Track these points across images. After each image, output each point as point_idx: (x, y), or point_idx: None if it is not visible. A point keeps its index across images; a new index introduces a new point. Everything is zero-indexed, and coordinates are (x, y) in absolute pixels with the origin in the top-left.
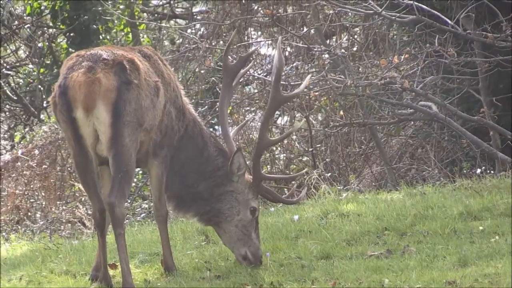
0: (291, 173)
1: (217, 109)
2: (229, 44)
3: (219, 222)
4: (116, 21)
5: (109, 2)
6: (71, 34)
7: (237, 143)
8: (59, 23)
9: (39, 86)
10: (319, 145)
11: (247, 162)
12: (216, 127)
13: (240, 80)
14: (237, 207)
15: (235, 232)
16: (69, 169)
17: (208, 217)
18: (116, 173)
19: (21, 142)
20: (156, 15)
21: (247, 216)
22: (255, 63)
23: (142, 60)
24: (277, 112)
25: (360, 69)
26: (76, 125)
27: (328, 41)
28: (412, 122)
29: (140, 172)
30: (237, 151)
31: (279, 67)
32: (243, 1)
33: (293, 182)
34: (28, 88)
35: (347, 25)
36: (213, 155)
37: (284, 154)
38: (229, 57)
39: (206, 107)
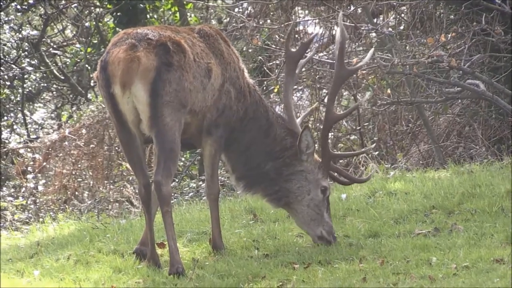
0: (339, 151)
1: (264, 87)
2: (290, 32)
3: (289, 203)
4: (163, 0)
5: None
6: (118, 14)
7: None
8: (106, 2)
9: (86, 66)
10: (366, 123)
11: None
12: None
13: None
14: (307, 186)
15: (307, 212)
16: (116, 148)
17: (278, 197)
18: (160, 152)
19: (68, 122)
20: None
21: (319, 196)
22: (303, 42)
23: (197, 41)
24: (324, 90)
25: (407, 48)
26: (115, 101)
27: (375, 20)
28: (460, 100)
29: (188, 151)
30: (305, 129)
31: (342, 42)
32: None
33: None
34: (75, 67)
35: (394, 3)
36: (280, 136)
37: (332, 133)
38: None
39: None
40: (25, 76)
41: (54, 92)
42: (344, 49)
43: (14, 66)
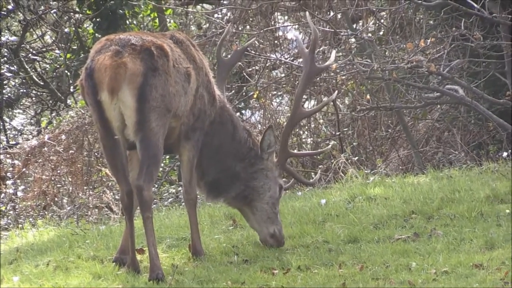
0: (318, 157)
1: (244, 93)
2: (222, 39)
3: (252, 200)
4: (142, 6)
5: None
6: (98, 19)
7: (264, 127)
8: (86, 8)
9: (66, 72)
10: (346, 129)
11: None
12: (243, 111)
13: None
14: (268, 183)
15: (265, 210)
16: (96, 154)
17: (243, 195)
18: (143, 157)
19: (48, 127)
20: (182, 0)
21: (276, 193)
22: (282, 47)
23: (173, 46)
24: (304, 96)
25: (386, 53)
26: (101, 108)
27: (354, 25)
28: (439, 106)
29: (167, 157)
30: (268, 128)
31: (314, 39)
32: None
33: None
34: (54, 73)
35: (374, 9)
36: (244, 137)
37: (311, 138)
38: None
39: (233, 91)
40: (4, 82)
41: (34, 98)
42: (315, 46)
43: None
